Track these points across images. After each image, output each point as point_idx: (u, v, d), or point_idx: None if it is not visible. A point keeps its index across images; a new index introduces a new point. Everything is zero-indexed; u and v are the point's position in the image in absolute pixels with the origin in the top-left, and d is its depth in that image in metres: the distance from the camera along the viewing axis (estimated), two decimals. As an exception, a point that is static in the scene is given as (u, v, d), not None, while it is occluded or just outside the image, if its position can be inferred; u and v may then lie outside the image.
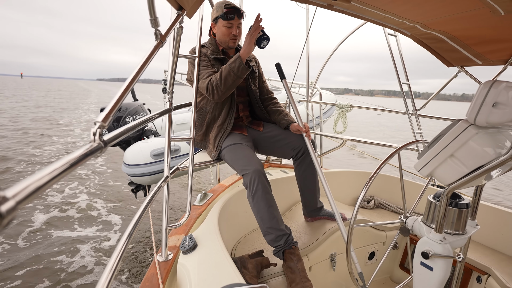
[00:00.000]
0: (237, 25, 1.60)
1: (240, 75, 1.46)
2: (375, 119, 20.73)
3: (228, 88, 1.50)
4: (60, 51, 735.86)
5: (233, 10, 1.56)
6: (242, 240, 1.59)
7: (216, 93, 1.50)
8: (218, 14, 1.58)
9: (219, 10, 1.57)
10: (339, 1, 1.10)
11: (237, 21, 1.59)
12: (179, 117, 4.48)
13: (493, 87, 0.78)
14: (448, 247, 0.92)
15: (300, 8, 2.61)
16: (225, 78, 1.47)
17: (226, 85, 1.48)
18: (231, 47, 1.66)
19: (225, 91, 1.50)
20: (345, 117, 2.78)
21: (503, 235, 1.58)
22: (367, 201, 2.15)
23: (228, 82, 1.47)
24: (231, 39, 1.61)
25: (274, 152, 1.76)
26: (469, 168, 0.84)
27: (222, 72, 1.48)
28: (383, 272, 1.89)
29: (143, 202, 0.90)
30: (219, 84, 1.48)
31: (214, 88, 1.49)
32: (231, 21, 1.57)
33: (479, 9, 0.97)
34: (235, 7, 1.56)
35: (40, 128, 9.88)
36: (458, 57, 1.53)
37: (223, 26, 1.59)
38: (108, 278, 0.56)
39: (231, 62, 1.47)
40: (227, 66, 1.47)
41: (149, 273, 1.09)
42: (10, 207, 0.24)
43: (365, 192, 1.07)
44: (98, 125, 0.48)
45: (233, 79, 1.47)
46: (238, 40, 1.66)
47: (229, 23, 1.57)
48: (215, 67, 1.60)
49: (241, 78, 1.48)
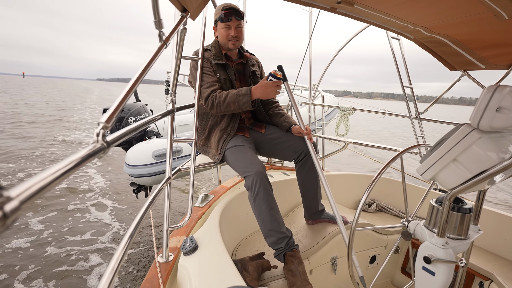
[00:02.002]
0: (235, 26, 1.58)
1: (243, 108, 1.52)
2: (376, 121, 20.72)
3: (227, 112, 1.56)
4: (61, 50, 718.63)
5: (230, 11, 1.55)
6: (243, 242, 1.59)
7: (214, 110, 1.54)
8: (216, 17, 1.59)
9: (217, 13, 1.58)
10: (343, 4, 1.10)
11: (235, 22, 1.57)
12: (181, 118, 4.49)
13: (496, 91, 0.78)
14: (451, 252, 0.91)
15: (303, 10, 2.62)
16: (227, 104, 1.52)
17: (227, 109, 1.54)
18: (231, 49, 1.64)
19: (223, 112, 1.56)
20: (347, 120, 2.77)
21: (506, 240, 1.57)
22: (369, 205, 2.15)
23: (229, 108, 1.53)
24: (229, 40, 1.59)
25: (275, 154, 1.75)
26: (472, 172, 0.83)
27: (228, 97, 1.51)
28: (384, 276, 1.88)
29: (145, 203, 0.90)
30: (220, 105, 1.52)
31: (214, 105, 1.53)
32: (228, 22, 1.56)
33: (482, 13, 0.97)
34: (232, 8, 1.56)
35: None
36: (461, 61, 1.53)
37: (222, 28, 1.59)
38: (109, 278, 0.56)
39: (240, 94, 1.50)
40: (235, 95, 1.51)
41: (150, 274, 1.09)
42: (14, 207, 0.24)
43: (367, 195, 1.07)
44: (101, 125, 0.48)
45: (235, 109, 1.53)
46: (240, 41, 1.64)
47: (227, 25, 1.57)
48: (217, 73, 1.60)
49: (242, 110, 1.54)
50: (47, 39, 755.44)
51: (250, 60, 1.75)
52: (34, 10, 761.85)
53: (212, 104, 1.52)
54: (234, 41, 1.60)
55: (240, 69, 1.72)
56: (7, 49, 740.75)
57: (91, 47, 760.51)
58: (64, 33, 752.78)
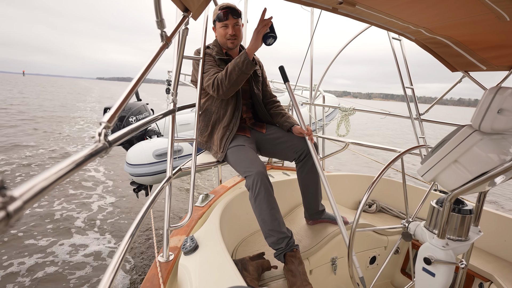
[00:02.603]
0: (233, 25, 1.58)
1: (245, 70, 1.44)
2: (374, 123, 20.71)
3: (232, 84, 1.48)
4: (60, 49, 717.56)
5: (227, 10, 1.55)
6: (243, 242, 1.59)
7: (220, 89, 1.49)
8: (214, 17, 1.60)
9: (215, 13, 1.59)
10: (344, 5, 1.10)
11: (233, 21, 1.57)
12: (181, 117, 4.49)
13: (498, 93, 0.78)
14: (451, 253, 0.91)
15: (304, 11, 2.62)
16: (230, 73, 1.46)
17: (230, 80, 1.47)
18: (230, 48, 1.65)
19: (229, 87, 1.49)
20: (348, 120, 2.77)
21: (506, 241, 1.57)
22: (369, 205, 2.14)
23: (232, 77, 1.46)
24: (227, 39, 1.60)
25: (276, 154, 1.76)
26: (473, 174, 0.83)
27: (228, 68, 1.47)
28: (384, 277, 1.88)
29: (146, 203, 0.90)
30: (223, 79, 1.47)
31: (219, 83, 1.49)
32: (226, 21, 1.57)
33: (484, 14, 0.97)
34: (228, 6, 1.56)
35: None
36: (463, 62, 1.53)
37: (220, 28, 1.59)
38: (110, 277, 0.56)
39: (237, 58, 1.46)
40: (233, 61, 1.47)
41: (150, 273, 1.09)
42: (17, 206, 0.24)
43: (368, 196, 1.07)
44: (103, 125, 0.48)
45: (238, 74, 1.45)
46: (239, 40, 1.64)
47: (224, 24, 1.58)
48: (221, 67, 1.60)
49: (246, 73, 1.46)
50: (46, 38, 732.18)
51: None
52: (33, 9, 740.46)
53: (217, 84, 1.49)
54: (232, 40, 1.60)
55: None
56: (7, 48, 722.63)
57: (91, 46, 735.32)
58: (64, 31, 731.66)
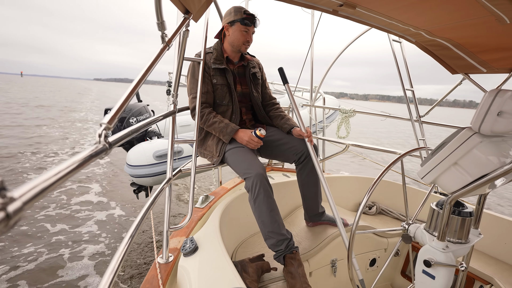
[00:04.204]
0: (251, 32, 1.64)
1: (222, 137, 1.57)
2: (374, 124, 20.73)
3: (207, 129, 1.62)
4: (57, 50, 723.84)
5: (252, 18, 1.60)
6: (243, 244, 1.59)
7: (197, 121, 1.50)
8: (236, 18, 1.58)
9: (238, 14, 1.58)
10: (345, 7, 1.10)
11: (253, 29, 1.63)
12: (182, 118, 4.49)
13: (498, 96, 0.78)
14: (451, 256, 0.91)
15: (304, 13, 2.63)
16: (211, 128, 1.59)
17: (208, 127, 1.60)
18: (242, 51, 1.68)
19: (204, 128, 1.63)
20: (348, 122, 2.77)
21: (506, 244, 1.56)
22: (369, 207, 2.14)
23: (210, 129, 1.60)
24: (243, 43, 1.63)
25: (276, 156, 1.76)
26: (473, 176, 0.83)
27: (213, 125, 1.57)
28: (384, 279, 1.87)
29: (145, 204, 0.90)
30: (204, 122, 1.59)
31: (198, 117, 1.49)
32: (248, 27, 1.60)
33: (484, 17, 0.97)
34: (253, 15, 1.61)
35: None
36: (463, 65, 1.53)
37: (240, 31, 1.60)
38: (109, 279, 0.56)
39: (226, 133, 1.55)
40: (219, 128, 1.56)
41: (150, 274, 1.09)
42: (17, 207, 0.24)
43: (368, 198, 1.07)
44: (103, 126, 0.48)
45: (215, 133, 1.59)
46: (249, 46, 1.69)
47: (246, 29, 1.60)
48: (214, 78, 1.60)
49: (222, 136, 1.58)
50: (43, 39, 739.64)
51: (251, 62, 1.76)
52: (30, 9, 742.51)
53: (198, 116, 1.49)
54: (247, 45, 1.66)
55: (241, 72, 1.73)
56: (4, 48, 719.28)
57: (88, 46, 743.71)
58: (61, 32, 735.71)
